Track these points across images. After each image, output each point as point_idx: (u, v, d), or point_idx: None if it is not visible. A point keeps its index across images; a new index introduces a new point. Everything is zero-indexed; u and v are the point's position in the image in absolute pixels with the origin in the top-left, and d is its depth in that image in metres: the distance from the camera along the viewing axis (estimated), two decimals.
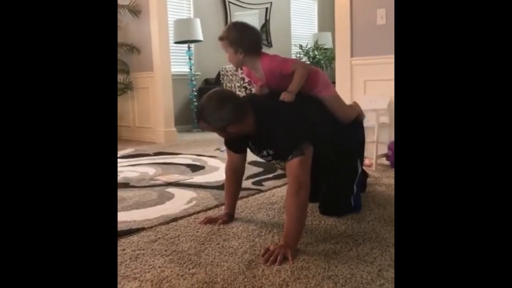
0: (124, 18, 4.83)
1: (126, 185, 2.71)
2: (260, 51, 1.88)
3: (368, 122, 3.06)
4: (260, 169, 2.98)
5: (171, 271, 1.46)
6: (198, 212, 2.10)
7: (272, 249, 1.54)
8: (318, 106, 1.91)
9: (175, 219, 2.00)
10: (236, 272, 1.43)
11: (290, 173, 1.65)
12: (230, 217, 1.95)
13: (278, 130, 1.68)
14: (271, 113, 1.72)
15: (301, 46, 4.58)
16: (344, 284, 1.32)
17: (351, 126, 2.03)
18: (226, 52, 1.87)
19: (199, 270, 1.46)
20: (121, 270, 1.48)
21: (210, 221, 1.92)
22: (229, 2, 6.46)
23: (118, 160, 3.65)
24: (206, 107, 1.65)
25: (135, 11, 4.71)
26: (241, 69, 2.01)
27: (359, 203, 2.04)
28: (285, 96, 1.76)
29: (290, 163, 1.64)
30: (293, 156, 1.62)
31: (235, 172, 1.96)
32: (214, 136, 1.91)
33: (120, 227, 1.90)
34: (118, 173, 3.06)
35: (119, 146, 4.46)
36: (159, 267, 1.50)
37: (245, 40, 1.83)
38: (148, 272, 1.46)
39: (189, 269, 1.47)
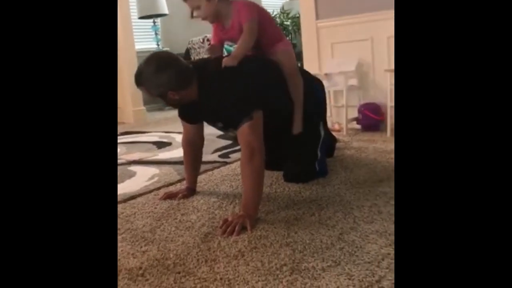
0: None
1: None
2: None
3: (337, 85, 2.98)
4: (229, 142, 2.88)
5: (122, 250, 1.37)
6: (159, 188, 2.00)
7: (230, 220, 1.46)
8: (266, 67, 1.79)
9: (133, 197, 1.90)
10: (190, 246, 1.35)
11: (242, 140, 1.55)
12: (191, 191, 1.85)
13: (224, 101, 1.57)
14: (216, 82, 1.60)
15: None
16: (303, 250, 1.25)
17: (307, 86, 1.89)
18: (198, 8, 1.69)
19: (152, 247, 1.37)
20: None
21: (169, 196, 1.83)
22: None
23: None
24: (144, 71, 1.53)
25: None
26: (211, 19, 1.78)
27: (324, 168, 1.96)
28: (226, 62, 1.63)
29: (240, 130, 1.54)
30: (242, 123, 1.52)
31: (191, 145, 1.85)
32: None
33: None
34: None
35: None
36: None
37: None
38: None
39: (141, 247, 1.38)
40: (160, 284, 1.14)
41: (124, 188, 2.04)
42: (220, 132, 2.80)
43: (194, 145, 1.85)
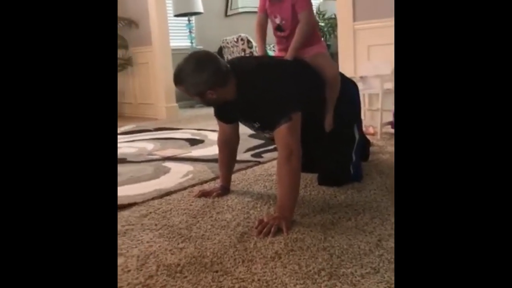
0: None
1: (123, 160, 2.64)
2: None
3: (372, 88, 2.94)
4: (261, 142, 2.89)
5: (159, 246, 1.39)
6: (193, 185, 2.02)
7: (266, 221, 1.46)
8: (306, 69, 1.79)
9: (168, 193, 1.93)
10: (227, 246, 1.36)
11: (279, 141, 1.55)
12: (225, 190, 1.87)
13: (263, 101, 1.56)
14: (255, 82, 1.59)
15: None
16: (340, 255, 1.24)
17: (342, 88, 1.88)
18: None
19: (189, 244, 1.39)
20: None
21: (204, 194, 1.84)
22: None
23: (118, 136, 3.59)
24: (184, 70, 1.54)
25: None
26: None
27: (359, 172, 1.94)
28: (287, 56, 1.71)
29: (278, 130, 1.54)
30: (280, 124, 1.52)
31: (227, 144, 1.86)
32: None
33: None
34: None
35: (120, 123, 4.40)
36: (147, 242, 1.43)
37: None
38: (136, 247, 1.39)
39: (178, 244, 1.40)
40: (198, 282, 1.15)
41: (159, 183, 2.07)
42: (252, 131, 2.81)
43: (230, 144, 1.87)
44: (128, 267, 1.26)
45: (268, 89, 1.57)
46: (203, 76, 1.52)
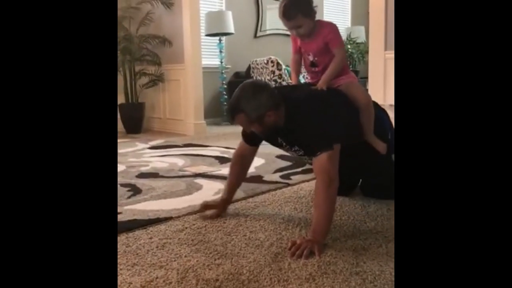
0: (156, 10, 4.87)
1: (156, 175, 2.74)
2: None
3: None
4: (288, 163, 2.95)
5: (197, 261, 1.45)
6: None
7: (299, 243, 1.51)
8: (345, 99, 1.88)
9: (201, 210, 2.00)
10: (262, 264, 1.42)
11: (319, 168, 1.61)
12: (225, 203, 1.95)
13: (310, 128, 1.64)
14: (302, 108, 1.68)
15: None
16: (373, 281, 1.29)
17: (376, 116, 1.97)
18: (300, 26, 1.82)
19: (225, 261, 1.45)
20: (147, 258, 1.49)
21: (207, 207, 1.93)
22: None
23: (148, 150, 3.70)
24: (243, 96, 1.63)
25: (168, 3, 4.74)
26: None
27: None
28: (320, 85, 1.79)
29: (318, 158, 1.61)
30: (322, 152, 1.60)
31: (242, 159, 1.95)
32: (241, 129, 1.88)
33: (149, 215, 1.92)
34: (146, 163, 3.10)
35: (149, 137, 4.52)
36: (185, 256, 1.50)
37: (312, 3, 1.84)
38: (175, 261, 1.46)
39: (215, 260, 1.46)
40: None
41: (193, 200, 2.15)
42: (280, 152, 2.88)
43: (244, 160, 1.96)
44: (169, 279, 1.33)
45: (315, 119, 1.65)
46: (262, 99, 1.62)
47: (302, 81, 2.62)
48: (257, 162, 2.92)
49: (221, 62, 5.82)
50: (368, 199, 2.10)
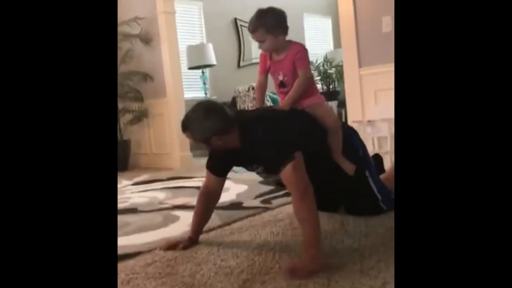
0: (136, 47, 4.91)
1: (134, 210, 2.66)
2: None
3: (380, 132, 2.95)
4: (271, 187, 2.88)
5: None
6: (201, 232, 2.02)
7: (300, 266, 1.43)
8: (306, 117, 1.86)
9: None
10: None
11: (289, 182, 1.56)
12: (192, 242, 1.84)
13: (266, 144, 1.60)
14: (252, 128, 1.64)
15: (311, 62, 4.59)
16: None
17: (345, 135, 1.95)
18: (262, 41, 1.83)
19: None
20: None
21: (170, 247, 1.81)
22: (241, 25, 6.50)
23: (130, 187, 3.64)
24: (191, 117, 1.62)
25: (146, 39, 4.78)
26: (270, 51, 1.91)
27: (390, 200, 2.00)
28: (283, 105, 1.79)
29: (284, 172, 1.56)
30: (284, 165, 1.54)
31: (207, 197, 1.88)
32: None
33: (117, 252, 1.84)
34: (126, 200, 3.03)
35: (134, 174, 4.46)
36: None
37: (282, 21, 1.84)
38: None
39: None
40: None
41: (168, 232, 2.08)
42: (261, 178, 2.83)
43: (211, 197, 1.88)
44: None
45: (267, 135, 1.61)
46: (208, 124, 1.59)
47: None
48: (239, 189, 2.86)
49: (206, 94, 5.82)
50: (348, 217, 2.03)
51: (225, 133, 1.62)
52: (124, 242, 1.98)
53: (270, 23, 1.81)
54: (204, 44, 5.76)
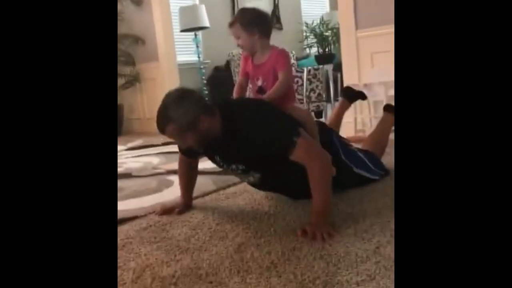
0: (126, 9, 4.78)
1: (128, 175, 2.66)
2: (270, 35, 1.85)
3: (377, 96, 2.92)
4: None
5: (156, 259, 1.38)
6: (196, 197, 2.02)
7: (312, 229, 1.41)
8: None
9: None
10: (223, 257, 1.34)
11: (306, 157, 1.49)
12: (187, 207, 1.85)
13: (260, 131, 1.51)
14: (244, 113, 1.57)
15: (307, 24, 4.46)
16: (337, 263, 1.22)
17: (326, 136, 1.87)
18: (238, 37, 1.80)
19: (185, 256, 1.38)
20: None
21: (165, 211, 1.81)
22: None
23: (125, 152, 3.62)
24: (169, 104, 1.50)
25: (137, 1, 4.65)
26: (247, 51, 1.88)
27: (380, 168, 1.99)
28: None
29: (297, 150, 1.48)
30: (294, 143, 1.48)
31: (188, 168, 1.86)
32: None
33: None
34: (121, 165, 3.02)
35: (128, 139, 4.44)
36: (144, 255, 1.42)
37: (259, 21, 1.80)
38: (133, 260, 1.39)
39: (175, 256, 1.39)
40: None
41: (162, 197, 2.08)
42: None
43: (191, 168, 1.87)
44: (124, 280, 1.25)
45: (264, 118, 1.55)
46: (190, 102, 1.51)
47: None
48: None
49: (199, 57, 5.72)
50: None
51: (210, 114, 1.51)
52: (119, 207, 1.98)
53: (246, 20, 1.77)
54: (196, 6, 5.59)
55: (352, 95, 2.46)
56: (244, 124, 1.54)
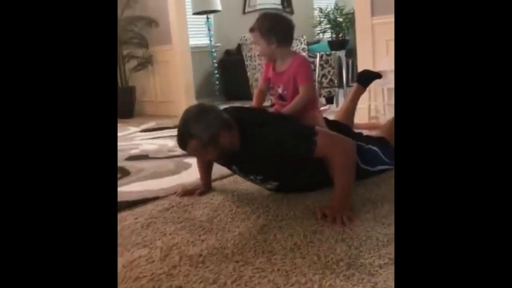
0: None
1: (145, 157, 2.70)
2: (292, 43, 1.83)
3: (391, 83, 2.93)
4: None
5: (182, 238, 1.43)
6: (214, 180, 2.06)
7: (332, 212, 1.46)
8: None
9: None
10: (247, 237, 1.39)
11: (331, 153, 1.53)
12: (207, 188, 1.90)
13: (279, 141, 1.55)
14: (261, 129, 1.58)
15: (320, 10, 4.42)
16: (359, 246, 1.27)
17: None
18: (258, 44, 1.80)
19: (210, 236, 1.43)
20: (132, 238, 1.47)
21: (186, 193, 1.86)
22: None
23: (139, 134, 3.67)
24: (189, 120, 1.52)
25: None
26: (267, 59, 1.89)
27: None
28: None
29: (319, 151, 1.52)
30: (314, 142, 1.51)
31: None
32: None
33: (135, 196, 1.89)
34: (136, 146, 3.07)
35: (141, 121, 4.48)
36: (170, 234, 1.48)
37: (278, 29, 1.77)
38: (159, 239, 1.44)
39: (200, 236, 1.44)
40: (220, 272, 1.18)
41: (181, 179, 2.12)
42: None
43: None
44: (152, 258, 1.30)
45: (282, 134, 1.57)
46: (210, 117, 1.52)
47: None
48: None
49: (211, 41, 5.72)
50: None
51: (229, 129, 1.53)
52: (140, 187, 2.03)
53: (265, 28, 1.75)
54: None
55: (368, 78, 2.46)
56: (262, 139, 1.56)
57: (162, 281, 1.16)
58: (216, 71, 5.78)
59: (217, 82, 5.84)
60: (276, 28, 1.77)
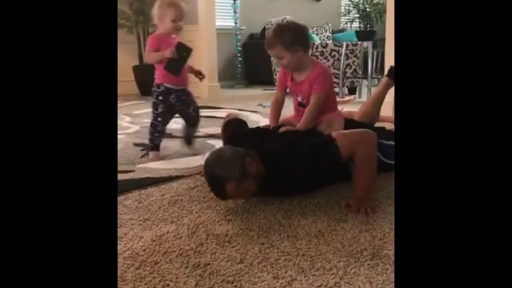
0: None
1: (169, 135, 2.74)
2: (310, 48, 1.82)
3: None
4: None
5: (208, 217, 1.47)
6: None
7: (355, 202, 1.50)
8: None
9: None
10: (272, 221, 1.42)
11: (352, 150, 1.53)
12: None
13: (302, 164, 1.56)
14: (281, 158, 1.58)
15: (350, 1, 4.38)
16: (382, 238, 1.29)
17: None
18: (281, 58, 1.77)
19: (236, 218, 1.46)
20: (159, 214, 1.51)
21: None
22: None
23: None
24: (213, 167, 1.51)
25: None
26: (291, 69, 1.86)
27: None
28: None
29: (343, 155, 1.53)
30: (334, 144, 1.52)
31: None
32: (256, 92, 1.84)
33: (161, 173, 1.94)
34: None
35: None
36: (196, 212, 1.52)
37: (301, 37, 1.78)
38: (186, 216, 1.48)
39: (226, 216, 1.48)
40: (246, 252, 1.22)
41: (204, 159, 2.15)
42: None
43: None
44: (180, 234, 1.35)
45: (303, 153, 1.58)
46: (229, 153, 1.52)
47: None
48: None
49: (236, 23, 5.71)
50: None
51: (252, 155, 1.55)
52: (166, 165, 2.07)
53: (288, 40, 1.73)
54: None
55: None
56: (287, 165, 1.57)
57: (190, 257, 1.20)
58: (239, 54, 5.78)
59: (240, 66, 5.85)
60: (299, 37, 1.76)
